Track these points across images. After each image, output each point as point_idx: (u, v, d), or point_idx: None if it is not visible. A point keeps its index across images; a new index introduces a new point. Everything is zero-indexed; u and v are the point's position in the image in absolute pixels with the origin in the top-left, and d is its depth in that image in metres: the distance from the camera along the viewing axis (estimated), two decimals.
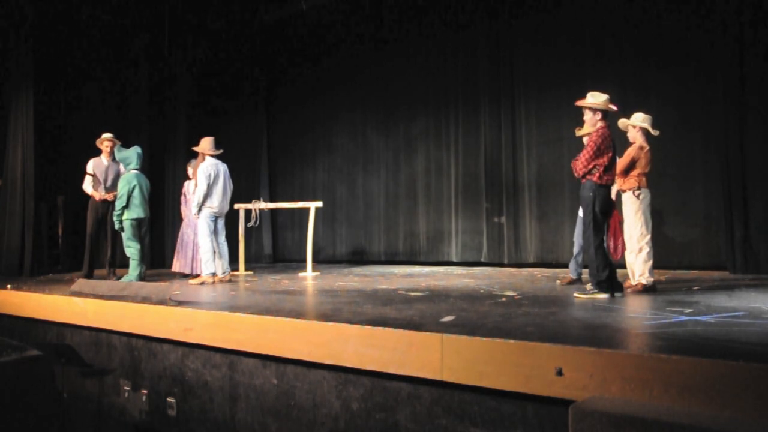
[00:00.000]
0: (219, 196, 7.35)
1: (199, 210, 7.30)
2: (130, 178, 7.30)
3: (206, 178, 7.25)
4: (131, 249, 7.34)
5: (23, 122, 9.40)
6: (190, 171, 8.36)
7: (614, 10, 8.25)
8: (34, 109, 9.39)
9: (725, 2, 7.12)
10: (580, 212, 6.38)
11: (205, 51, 11.12)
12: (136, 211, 7.28)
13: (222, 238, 7.57)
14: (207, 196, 7.27)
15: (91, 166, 7.96)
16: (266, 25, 10.91)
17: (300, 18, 10.70)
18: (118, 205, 7.24)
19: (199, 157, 7.66)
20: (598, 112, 5.29)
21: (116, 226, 7.36)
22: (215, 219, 7.40)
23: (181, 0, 10.41)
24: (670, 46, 7.84)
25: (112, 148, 7.91)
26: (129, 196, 7.22)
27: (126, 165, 7.44)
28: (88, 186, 7.94)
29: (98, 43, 10.53)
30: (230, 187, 7.58)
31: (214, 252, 7.37)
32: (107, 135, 8.02)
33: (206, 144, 7.49)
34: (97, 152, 8.07)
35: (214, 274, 7.30)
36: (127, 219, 7.25)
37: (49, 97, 9.79)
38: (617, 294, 5.25)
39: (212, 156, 7.46)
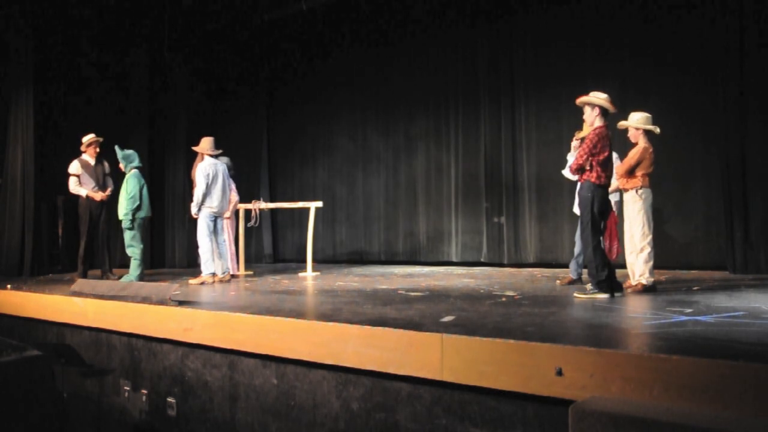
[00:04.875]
0: (218, 195, 7.37)
1: (198, 210, 7.32)
2: (138, 177, 7.33)
3: (205, 177, 7.27)
4: (134, 249, 7.34)
5: (23, 122, 9.39)
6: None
7: (614, 10, 8.25)
8: (34, 109, 9.39)
9: (725, 2, 7.12)
10: (575, 211, 6.39)
11: (205, 51, 11.11)
12: (146, 210, 7.32)
13: (222, 237, 7.58)
14: (206, 195, 7.29)
15: (76, 166, 7.86)
16: (266, 25, 10.90)
17: (300, 18, 10.68)
18: (131, 204, 7.21)
19: (198, 157, 7.68)
20: (597, 108, 5.31)
21: (127, 225, 7.31)
22: (215, 219, 7.42)
23: (181, 0, 10.40)
24: (670, 46, 7.84)
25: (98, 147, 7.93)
26: (140, 196, 7.23)
27: (129, 163, 7.44)
28: (78, 187, 7.83)
29: (98, 43, 10.53)
30: (230, 186, 7.60)
31: (213, 252, 7.40)
32: (92, 136, 7.96)
33: (206, 144, 7.52)
34: (79, 153, 8.02)
35: (213, 274, 7.30)
36: (138, 218, 7.27)
37: (49, 97, 9.77)
38: (617, 294, 5.25)
39: (211, 156, 7.48)
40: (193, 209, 7.39)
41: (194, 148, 7.68)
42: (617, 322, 4.05)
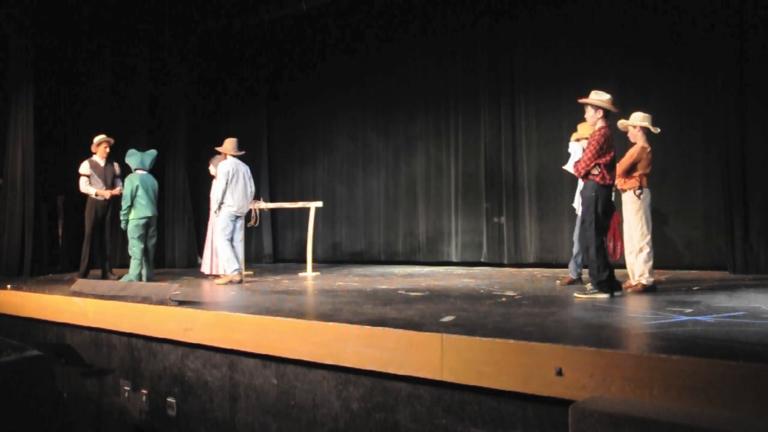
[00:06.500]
0: (238, 196, 7.40)
1: (219, 208, 7.36)
2: (132, 178, 7.38)
3: (225, 175, 7.34)
4: (134, 249, 7.37)
5: (23, 122, 9.39)
6: (212, 170, 8.31)
7: (614, 10, 8.25)
8: (34, 108, 9.39)
9: (726, 2, 7.12)
10: (575, 205, 6.38)
11: (205, 50, 11.11)
12: (143, 211, 7.34)
13: (239, 237, 7.59)
14: (225, 194, 7.32)
15: (86, 167, 7.90)
16: (266, 24, 10.90)
17: (300, 18, 10.68)
18: (123, 205, 7.32)
19: (221, 156, 7.72)
20: (600, 109, 5.30)
21: (122, 226, 7.41)
22: (235, 219, 7.44)
23: (182, 0, 10.41)
24: (670, 46, 7.84)
25: (108, 148, 7.96)
26: (132, 197, 7.27)
27: (131, 165, 7.54)
28: (88, 187, 7.88)
29: (98, 43, 10.53)
30: (251, 187, 7.62)
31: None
32: (103, 136, 8.00)
33: (229, 145, 7.60)
34: (90, 153, 8.06)
35: (239, 271, 7.35)
36: (133, 219, 7.31)
37: (49, 97, 9.77)
38: (617, 294, 5.25)
39: (234, 156, 7.52)
40: (213, 207, 7.44)
41: (218, 149, 7.72)
42: (617, 322, 4.05)
